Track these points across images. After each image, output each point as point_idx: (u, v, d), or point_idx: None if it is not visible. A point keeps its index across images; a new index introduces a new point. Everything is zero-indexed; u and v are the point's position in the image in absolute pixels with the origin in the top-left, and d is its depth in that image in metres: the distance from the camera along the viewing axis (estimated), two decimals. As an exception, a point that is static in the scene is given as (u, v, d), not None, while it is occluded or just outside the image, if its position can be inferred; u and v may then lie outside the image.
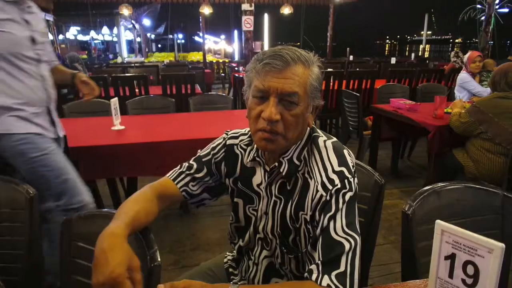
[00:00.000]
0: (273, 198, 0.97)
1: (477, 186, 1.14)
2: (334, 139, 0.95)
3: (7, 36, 1.56)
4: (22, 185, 1.16)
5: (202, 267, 1.27)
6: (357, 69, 6.29)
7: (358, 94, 3.54)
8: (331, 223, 0.83)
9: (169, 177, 1.05)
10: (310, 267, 0.82)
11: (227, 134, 1.09)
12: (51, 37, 12.37)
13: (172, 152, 2.12)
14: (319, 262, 0.80)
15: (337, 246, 0.81)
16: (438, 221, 0.76)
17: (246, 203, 1.04)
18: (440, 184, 1.14)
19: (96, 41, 21.77)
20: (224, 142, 1.07)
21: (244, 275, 1.11)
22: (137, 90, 4.28)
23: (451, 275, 0.75)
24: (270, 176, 0.96)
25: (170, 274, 2.16)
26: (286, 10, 9.90)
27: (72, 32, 17.92)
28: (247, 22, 5.61)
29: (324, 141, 0.93)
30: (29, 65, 1.64)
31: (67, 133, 1.94)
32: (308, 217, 0.91)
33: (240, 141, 1.06)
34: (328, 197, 0.85)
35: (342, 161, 0.89)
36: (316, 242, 0.85)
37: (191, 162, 1.07)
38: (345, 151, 0.92)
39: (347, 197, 0.85)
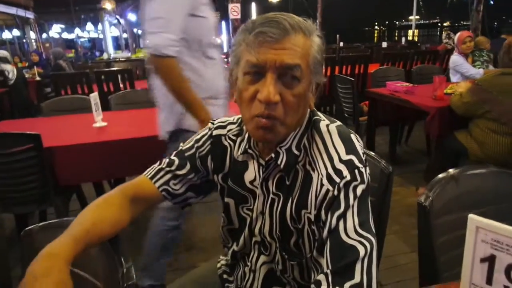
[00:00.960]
0: (270, 195, 0.82)
1: (499, 170, 1.01)
2: (338, 122, 0.81)
3: (205, 22, 1.47)
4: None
5: (193, 274, 1.13)
6: (350, 54, 6.14)
7: (352, 79, 3.41)
8: (341, 223, 0.69)
9: (146, 175, 0.90)
10: (317, 277, 0.68)
11: (213, 124, 0.94)
12: (33, 35, 12.06)
13: (160, 148, 1.96)
14: (328, 271, 0.66)
15: (349, 251, 0.66)
16: (471, 215, 0.62)
17: (238, 202, 0.89)
18: (457, 170, 1.01)
19: (82, 39, 21.29)
20: (210, 133, 0.92)
21: (240, 283, 0.97)
22: (122, 86, 4.09)
23: (489, 281, 0.62)
24: (265, 170, 0.81)
25: (162, 278, 2.01)
26: (274, -2, 9.70)
27: (56, 30, 17.44)
28: (234, 10, 5.41)
29: (327, 125, 0.79)
30: (213, 51, 1.54)
31: (44, 132, 1.78)
32: (312, 216, 0.76)
33: (228, 131, 0.91)
34: (335, 192, 0.71)
35: (350, 148, 0.74)
36: (323, 246, 0.71)
37: (172, 157, 0.92)
38: (353, 136, 0.77)
39: (358, 190, 0.71)
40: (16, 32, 14.19)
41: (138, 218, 0.85)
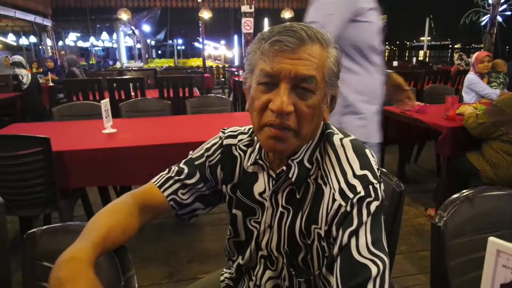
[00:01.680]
0: (280, 209, 0.80)
1: (516, 192, 0.97)
2: (352, 136, 0.79)
3: (370, 27, 1.43)
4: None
5: (195, 286, 1.10)
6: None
7: (363, 96, 3.39)
8: (353, 241, 0.66)
9: (155, 183, 0.88)
10: None
11: (223, 133, 0.92)
12: (49, 43, 12.31)
13: (167, 156, 1.95)
14: (339, 290, 0.64)
15: (361, 270, 0.64)
16: (492, 238, 0.59)
17: (246, 214, 0.87)
18: (472, 191, 0.98)
19: (96, 48, 21.71)
20: (220, 142, 0.91)
21: (243, 298, 0.94)
22: (133, 94, 4.14)
23: (510, 309, 0.58)
24: (276, 182, 0.79)
25: (164, 289, 1.98)
26: (287, 15, 9.81)
27: (71, 38, 17.82)
28: (247, 24, 5.48)
29: (341, 139, 0.77)
30: (375, 56, 1.48)
31: (54, 136, 1.79)
32: (322, 232, 0.74)
33: (239, 141, 0.90)
34: (348, 208, 0.68)
35: (365, 163, 0.72)
36: (333, 264, 0.68)
37: (181, 165, 0.91)
38: (367, 151, 0.75)
39: (372, 207, 0.68)
40: (33, 39, 14.54)
41: (143, 227, 0.83)
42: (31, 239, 0.80)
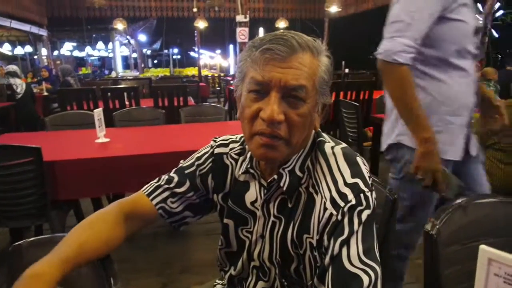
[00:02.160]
0: (271, 218, 0.79)
1: (509, 199, 0.97)
2: (344, 144, 0.78)
3: (462, 27, 1.25)
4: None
5: (188, 297, 1.08)
6: (355, 80, 6.18)
7: (357, 104, 3.40)
8: (344, 250, 0.65)
9: (144, 192, 0.87)
10: None
11: (215, 142, 0.92)
12: (45, 52, 12.32)
13: (159, 166, 1.92)
14: (330, 301, 0.62)
15: (352, 280, 0.63)
16: (483, 246, 0.58)
17: (238, 224, 0.86)
18: (465, 199, 0.97)
19: (92, 58, 21.72)
20: (211, 150, 0.90)
21: (236, 309, 0.93)
22: (127, 103, 4.12)
23: (502, 318, 0.57)
24: (267, 191, 0.78)
25: (156, 300, 1.95)
26: (282, 24, 9.89)
27: (67, 48, 17.83)
28: (242, 34, 5.51)
29: (332, 147, 0.76)
30: (465, 61, 1.30)
31: (46, 146, 1.77)
32: (314, 242, 0.73)
33: (231, 149, 0.89)
34: (339, 217, 0.68)
35: (356, 171, 0.72)
36: (325, 274, 0.67)
37: (171, 174, 0.90)
38: (359, 159, 0.75)
39: (363, 216, 0.67)
40: (28, 49, 14.52)
41: (133, 236, 0.81)
42: (18, 251, 0.78)
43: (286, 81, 0.66)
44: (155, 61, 28.87)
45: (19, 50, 14.93)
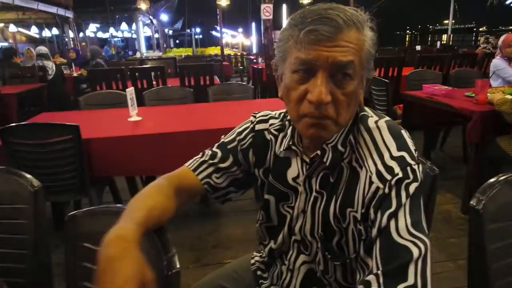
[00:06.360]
0: (313, 193, 0.80)
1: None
2: (387, 118, 0.77)
3: None
4: (25, 177, 1.03)
5: (226, 268, 1.12)
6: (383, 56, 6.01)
7: (387, 81, 3.31)
8: (392, 223, 0.65)
9: (189, 167, 0.89)
10: (367, 278, 0.64)
11: (255, 117, 0.92)
12: (71, 34, 12.53)
13: (192, 144, 1.97)
14: (379, 272, 0.63)
15: (402, 251, 0.63)
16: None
17: (279, 200, 0.87)
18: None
19: (116, 39, 21.96)
20: (252, 126, 0.91)
21: (275, 281, 0.95)
22: (154, 83, 4.18)
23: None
24: (310, 167, 0.79)
25: (192, 273, 2.02)
26: (306, 0, 9.63)
27: (92, 29, 18.07)
28: (266, 11, 5.40)
29: (376, 122, 0.75)
30: None
31: (81, 124, 1.83)
32: (358, 215, 0.73)
33: (271, 125, 0.89)
34: (386, 190, 0.67)
35: (402, 144, 0.71)
36: (372, 246, 0.67)
37: (214, 149, 0.91)
38: (403, 132, 0.74)
39: (411, 189, 0.67)
40: (55, 31, 14.82)
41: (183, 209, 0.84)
42: (73, 221, 0.83)
43: (334, 59, 0.64)
44: (177, 41, 28.89)
45: (46, 33, 15.28)
